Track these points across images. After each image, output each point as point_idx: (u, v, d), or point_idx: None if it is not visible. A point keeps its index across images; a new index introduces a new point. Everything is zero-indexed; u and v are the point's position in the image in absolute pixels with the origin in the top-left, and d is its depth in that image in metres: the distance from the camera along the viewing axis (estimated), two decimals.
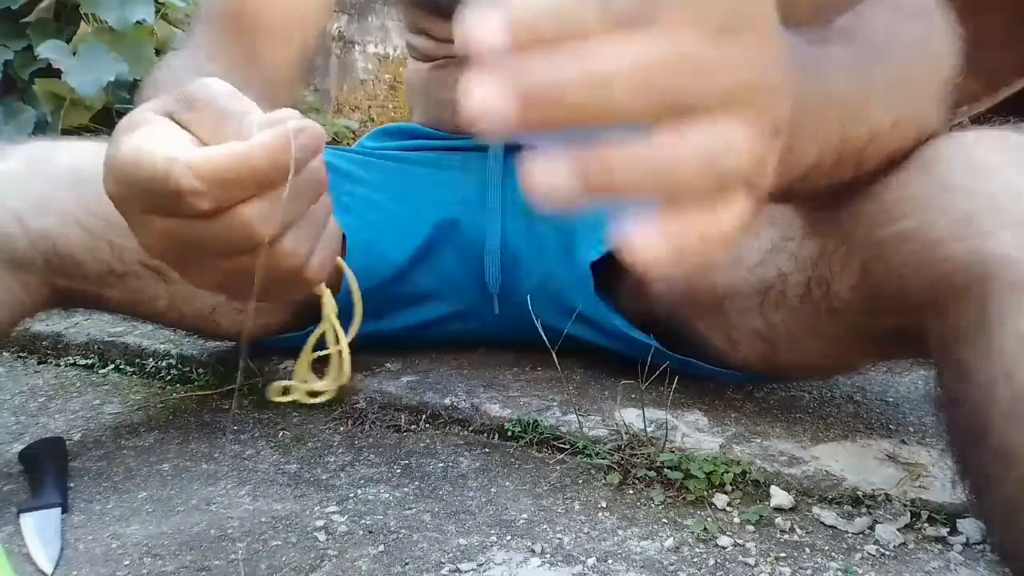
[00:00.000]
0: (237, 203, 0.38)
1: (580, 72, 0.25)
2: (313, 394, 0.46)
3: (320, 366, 0.47)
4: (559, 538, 0.60)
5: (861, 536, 0.60)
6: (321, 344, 0.46)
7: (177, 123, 0.42)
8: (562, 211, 0.27)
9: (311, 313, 0.81)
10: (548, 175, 0.26)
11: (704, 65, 0.25)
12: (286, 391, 0.46)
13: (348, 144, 1.54)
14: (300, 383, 0.46)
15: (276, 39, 0.75)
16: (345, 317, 0.48)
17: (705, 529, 0.60)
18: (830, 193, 0.57)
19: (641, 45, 0.25)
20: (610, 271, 0.78)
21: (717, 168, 0.27)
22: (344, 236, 0.77)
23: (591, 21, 0.25)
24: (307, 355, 0.46)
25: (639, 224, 0.28)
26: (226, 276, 0.41)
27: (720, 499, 0.64)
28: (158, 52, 1.64)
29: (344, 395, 0.81)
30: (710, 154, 0.26)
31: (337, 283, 0.46)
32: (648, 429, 0.69)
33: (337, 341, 0.45)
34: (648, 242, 0.27)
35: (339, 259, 0.45)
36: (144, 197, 0.40)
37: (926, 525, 0.61)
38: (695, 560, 0.57)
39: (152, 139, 0.40)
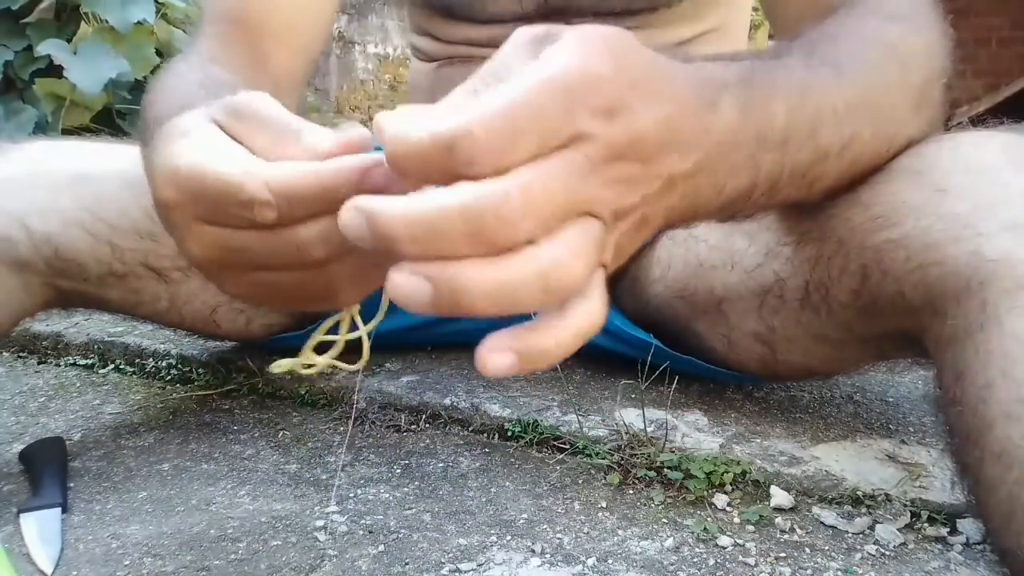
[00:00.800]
0: (299, 221, 0.38)
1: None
2: (308, 366, 0.47)
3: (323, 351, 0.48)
4: (559, 538, 0.60)
5: (861, 536, 0.60)
6: (332, 331, 0.46)
7: (227, 134, 0.41)
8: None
9: (311, 315, 0.82)
10: (407, 287, 0.31)
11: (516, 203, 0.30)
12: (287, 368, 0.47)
13: None
14: (303, 358, 0.46)
15: (282, 43, 0.74)
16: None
17: (705, 529, 0.60)
18: (791, 207, 0.57)
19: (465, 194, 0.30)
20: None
21: (549, 284, 0.31)
22: None
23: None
24: (318, 336, 0.46)
25: (490, 342, 0.33)
26: (262, 288, 0.42)
27: (720, 499, 0.64)
28: (158, 52, 1.65)
29: (345, 395, 0.81)
30: (540, 272, 0.31)
31: None
32: (648, 429, 0.69)
33: (355, 328, 0.46)
34: (499, 359, 0.32)
35: None
36: (205, 205, 0.39)
37: (926, 525, 0.61)
38: (695, 560, 0.57)
39: (214, 149, 0.40)
